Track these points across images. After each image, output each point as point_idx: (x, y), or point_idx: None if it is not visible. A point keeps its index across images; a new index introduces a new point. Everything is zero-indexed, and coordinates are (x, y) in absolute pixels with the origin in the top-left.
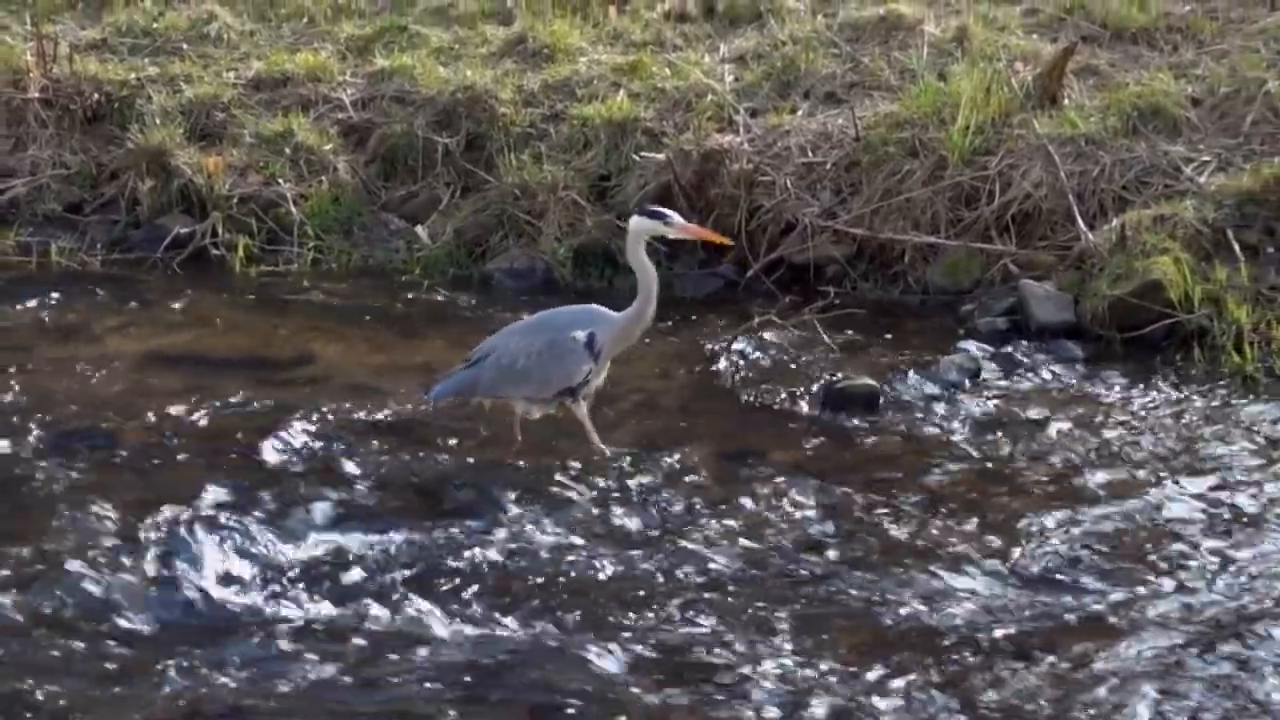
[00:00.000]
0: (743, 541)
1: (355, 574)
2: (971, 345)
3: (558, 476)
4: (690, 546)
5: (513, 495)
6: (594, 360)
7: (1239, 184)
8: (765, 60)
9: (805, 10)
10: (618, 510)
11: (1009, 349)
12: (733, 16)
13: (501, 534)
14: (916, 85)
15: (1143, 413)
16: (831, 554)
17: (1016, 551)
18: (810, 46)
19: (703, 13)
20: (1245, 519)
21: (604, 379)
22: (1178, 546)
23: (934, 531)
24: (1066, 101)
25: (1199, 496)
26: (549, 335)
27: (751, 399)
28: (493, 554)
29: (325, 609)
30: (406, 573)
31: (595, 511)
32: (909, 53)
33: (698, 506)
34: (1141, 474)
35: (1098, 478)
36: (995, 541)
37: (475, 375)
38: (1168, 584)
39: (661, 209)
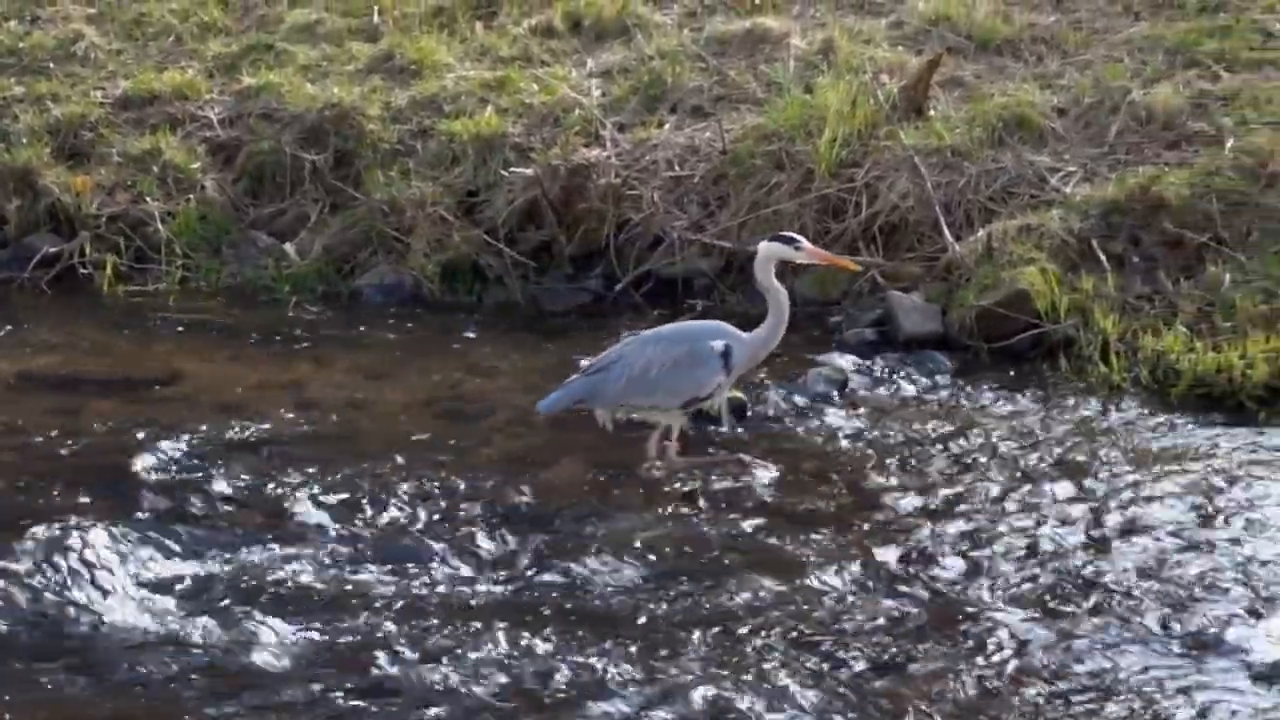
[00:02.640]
0: (612, 554)
1: (224, 591)
2: (839, 356)
3: (431, 491)
4: (560, 560)
5: (382, 511)
6: (726, 373)
7: (1104, 194)
8: (632, 74)
9: (672, 24)
10: (485, 524)
11: (877, 360)
12: (599, 31)
13: (370, 551)
14: (783, 98)
15: (1010, 423)
16: (700, 566)
17: (886, 561)
18: (677, 60)
19: (569, 28)
20: (1111, 528)
21: (727, 397)
22: (1044, 555)
23: (802, 542)
24: (932, 113)
25: (1065, 505)
26: (686, 345)
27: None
28: (363, 572)
29: (194, 626)
30: (274, 589)
31: (462, 525)
32: (775, 66)
33: (566, 520)
34: (1009, 484)
35: (965, 488)
36: (863, 551)
37: (596, 384)
38: (1034, 592)
39: (791, 234)
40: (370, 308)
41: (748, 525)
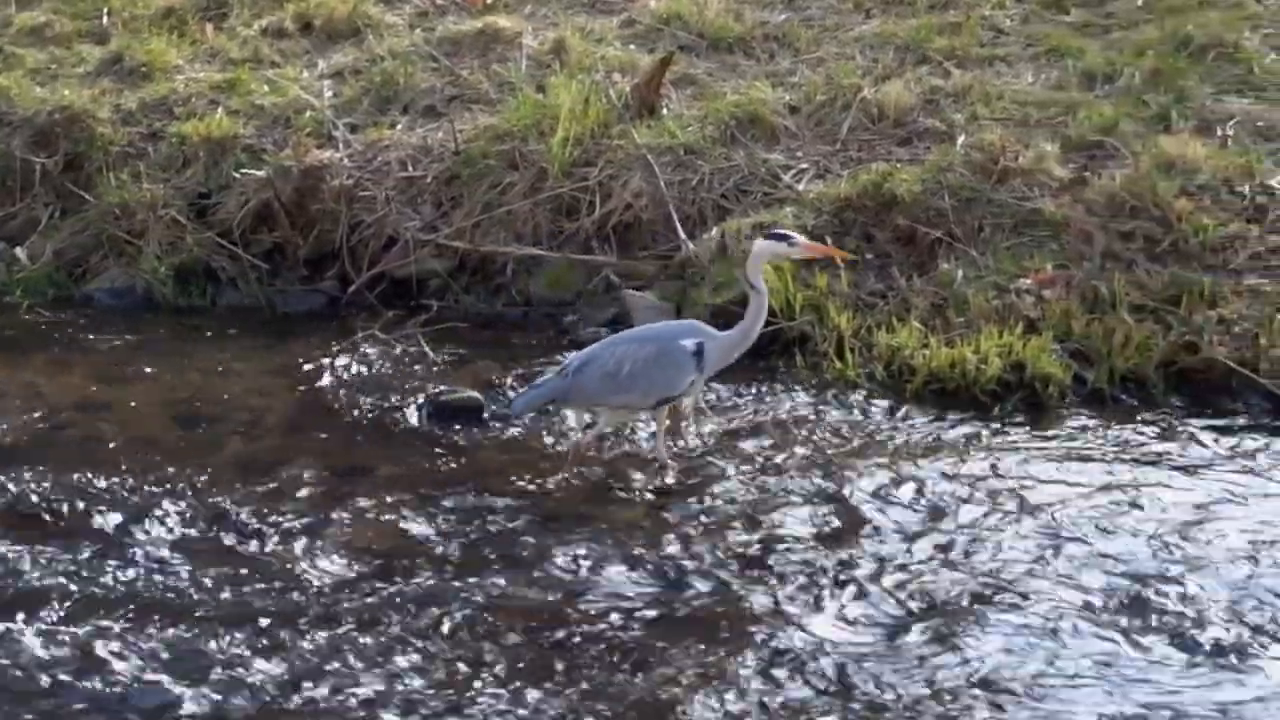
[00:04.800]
0: (349, 556)
1: None
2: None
3: (166, 493)
4: (296, 563)
5: (116, 514)
6: (698, 371)
7: (837, 191)
8: (364, 75)
9: (403, 24)
10: (220, 528)
11: None
12: (330, 32)
13: (101, 553)
14: (515, 98)
15: (744, 418)
16: (440, 564)
17: (623, 553)
18: (409, 61)
19: (300, 28)
20: (842, 521)
21: (699, 397)
22: (774, 549)
23: (540, 538)
24: (665, 111)
25: (798, 500)
26: (659, 344)
27: (356, 414)
28: (96, 574)
29: None
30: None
31: (200, 529)
32: (508, 65)
33: (304, 523)
34: (739, 479)
35: (695, 483)
36: (599, 545)
37: (570, 383)
38: (759, 585)
39: (786, 231)
40: (103, 311)
41: (485, 524)
